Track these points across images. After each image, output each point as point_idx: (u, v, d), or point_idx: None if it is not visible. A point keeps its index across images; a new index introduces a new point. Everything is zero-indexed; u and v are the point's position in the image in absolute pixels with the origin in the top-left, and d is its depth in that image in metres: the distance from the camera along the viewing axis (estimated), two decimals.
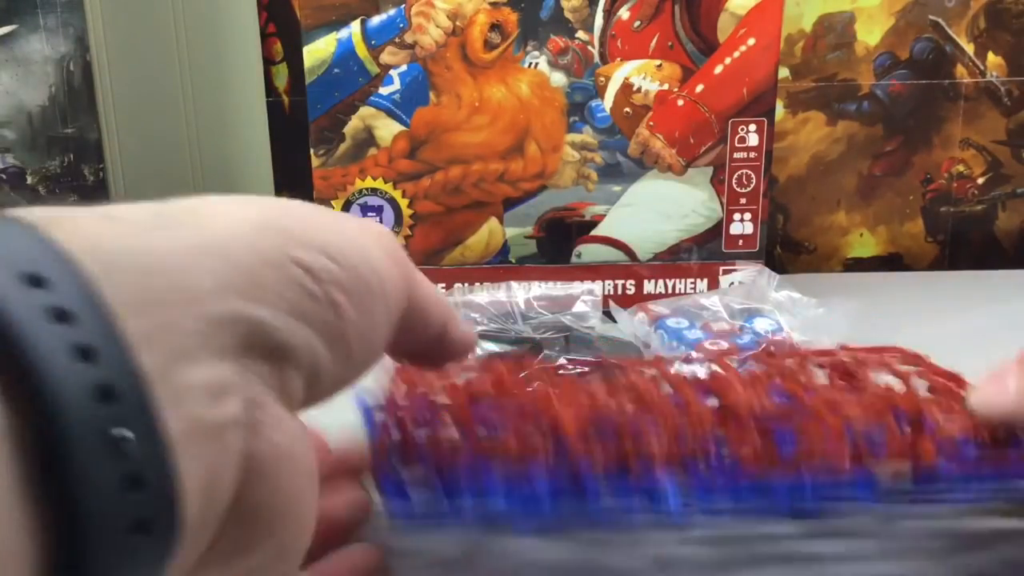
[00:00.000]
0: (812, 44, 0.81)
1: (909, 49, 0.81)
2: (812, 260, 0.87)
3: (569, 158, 0.66)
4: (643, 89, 0.65)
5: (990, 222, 0.85)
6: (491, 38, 0.64)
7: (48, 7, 0.72)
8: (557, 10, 0.64)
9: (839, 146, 0.84)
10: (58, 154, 0.75)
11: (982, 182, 0.84)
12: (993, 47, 0.81)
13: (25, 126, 0.73)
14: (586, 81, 0.65)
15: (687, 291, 0.69)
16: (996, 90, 0.82)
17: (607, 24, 0.64)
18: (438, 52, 0.64)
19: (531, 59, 0.65)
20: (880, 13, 0.80)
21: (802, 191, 0.85)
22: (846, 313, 0.64)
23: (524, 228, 0.68)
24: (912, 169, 0.84)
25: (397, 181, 0.67)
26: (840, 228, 0.86)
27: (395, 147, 0.66)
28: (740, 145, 0.66)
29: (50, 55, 0.73)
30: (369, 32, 0.64)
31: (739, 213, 0.67)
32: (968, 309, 0.71)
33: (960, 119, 0.83)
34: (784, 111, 0.83)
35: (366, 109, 0.66)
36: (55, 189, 0.75)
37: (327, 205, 0.67)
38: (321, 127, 0.66)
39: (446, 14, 0.64)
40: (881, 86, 0.82)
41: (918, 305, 0.72)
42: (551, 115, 0.65)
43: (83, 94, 0.75)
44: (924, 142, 0.83)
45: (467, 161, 0.66)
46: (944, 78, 0.82)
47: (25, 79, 0.73)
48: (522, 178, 0.67)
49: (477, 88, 0.65)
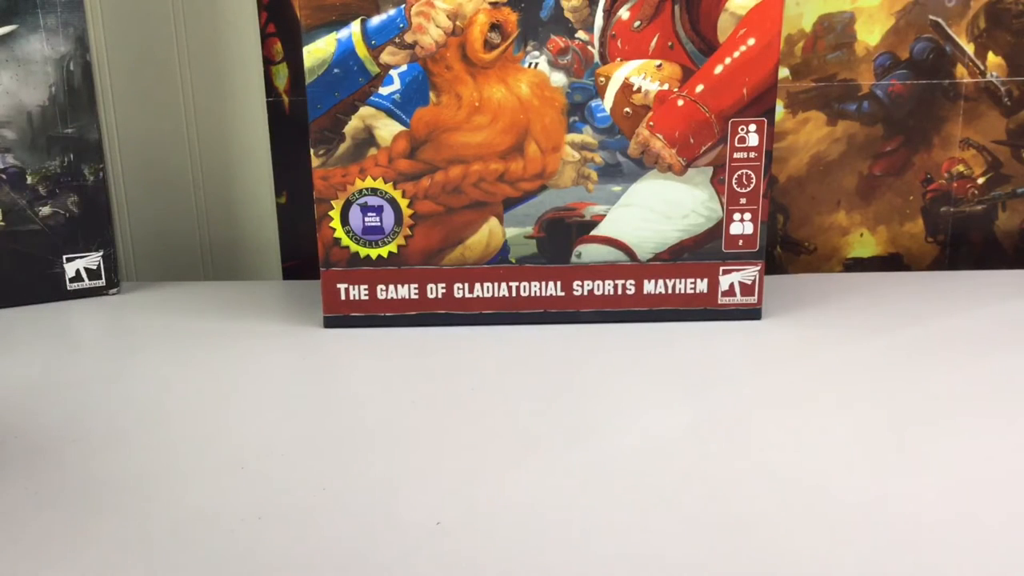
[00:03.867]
0: (812, 44, 0.81)
1: (909, 49, 0.81)
2: (812, 260, 0.87)
3: (569, 158, 0.66)
4: (643, 89, 0.65)
5: (990, 222, 0.85)
6: (491, 38, 0.64)
7: (48, 7, 0.72)
8: (557, 10, 0.64)
9: (839, 146, 0.84)
10: (58, 154, 0.75)
11: (982, 182, 0.84)
12: (993, 47, 0.81)
13: (25, 126, 0.73)
14: (586, 81, 0.65)
15: (687, 291, 0.69)
16: (996, 90, 0.82)
17: (607, 24, 0.64)
18: (438, 52, 0.64)
19: (531, 59, 0.65)
20: (880, 13, 0.80)
21: (802, 191, 0.85)
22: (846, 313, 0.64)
23: (524, 228, 0.68)
24: (912, 169, 0.84)
25: (397, 181, 0.67)
26: (840, 228, 0.86)
27: (395, 147, 0.66)
28: (740, 145, 0.66)
29: (50, 55, 0.73)
30: (369, 32, 0.64)
31: (739, 213, 0.67)
32: (968, 309, 0.71)
33: (960, 119, 0.83)
34: (784, 111, 0.83)
35: (366, 109, 0.66)
36: (55, 189, 0.75)
37: (327, 205, 0.67)
38: (321, 127, 0.66)
39: (446, 14, 0.64)
40: (881, 86, 0.82)
41: (918, 305, 0.72)
42: (551, 115, 0.65)
43: (83, 94, 0.75)
44: (924, 142, 0.83)
45: (467, 161, 0.66)
46: (944, 78, 0.82)
47: (25, 79, 0.73)
48: (522, 178, 0.67)
49: (477, 88, 0.65)
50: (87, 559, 0.42)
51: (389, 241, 0.68)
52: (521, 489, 0.47)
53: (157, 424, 0.55)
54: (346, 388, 0.60)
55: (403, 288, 0.69)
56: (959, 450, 0.50)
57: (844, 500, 0.45)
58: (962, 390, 0.57)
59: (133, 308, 0.76)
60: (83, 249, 0.78)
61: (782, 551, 0.41)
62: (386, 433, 0.53)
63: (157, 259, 0.90)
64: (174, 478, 0.49)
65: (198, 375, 0.62)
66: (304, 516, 0.45)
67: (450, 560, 0.41)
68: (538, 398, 0.58)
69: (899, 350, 0.63)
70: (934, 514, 0.44)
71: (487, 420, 0.55)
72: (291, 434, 0.53)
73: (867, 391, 0.57)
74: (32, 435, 0.54)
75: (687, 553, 0.41)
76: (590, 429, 0.53)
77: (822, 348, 0.64)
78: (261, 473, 0.49)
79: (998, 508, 0.44)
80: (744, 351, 0.65)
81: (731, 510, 0.45)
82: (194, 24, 0.84)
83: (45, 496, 0.47)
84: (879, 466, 0.48)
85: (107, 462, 0.51)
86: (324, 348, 0.67)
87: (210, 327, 0.71)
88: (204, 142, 0.87)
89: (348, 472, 0.49)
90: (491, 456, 0.50)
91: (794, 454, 0.50)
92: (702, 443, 0.51)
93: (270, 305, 0.76)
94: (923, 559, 0.40)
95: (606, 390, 0.59)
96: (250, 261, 0.90)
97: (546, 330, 0.68)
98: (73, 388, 0.60)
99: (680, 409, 0.56)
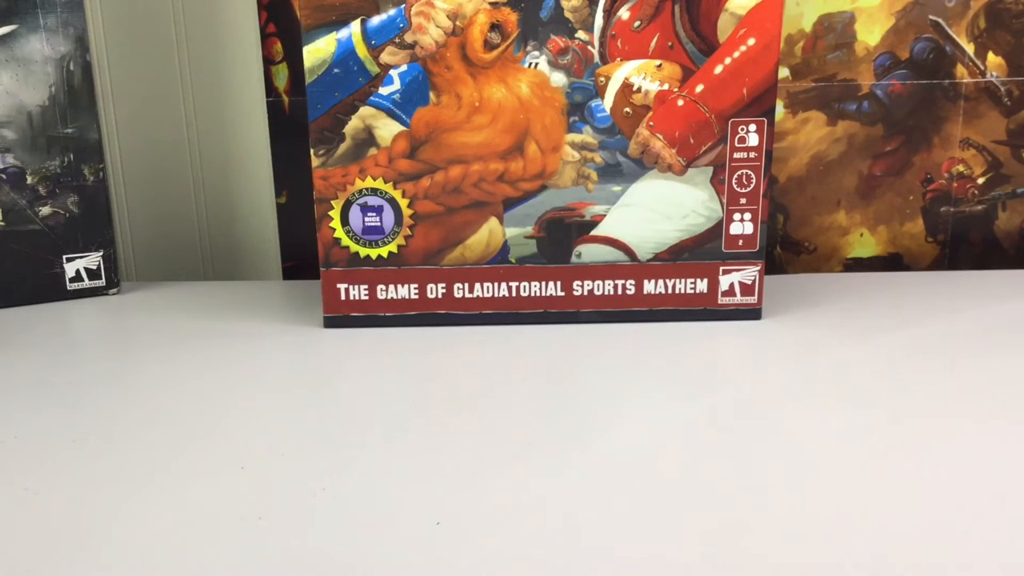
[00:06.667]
0: (812, 44, 0.82)
1: (909, 49, 0.81)
2: (812, 260, 0.87)
3: (569, 158, 0.66)
4: (643, 89, 0.65)
5: (990, 222, 0.85)
6: (491, 38, 0.64)
7: (48, 7, 0.72)
8: (557, 10, 0.64)
9: (839, 146, 0.84)
10: (58, 154, 0.75)
11: (982, 182, 0.84)
12: (993, 47, 0.81)
13: (25, 126, 0.73)
14: (586, 81, 0.65)
15: (687, 291, 0.69)
16: (996, 90, 0.82)
17: (607, 24, 0.64)
18: (438, 52, 0.64)
19: (531, 59, 0.65)
20: (880, 13, 0.81)
21: (802, 191, 0.85)
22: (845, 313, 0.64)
23: (524, 228, 0.68)
24: (912, 169, 0.84)
25: (397, 181, 0.67)
26: (840, 228, 0.86)
27: (395, 147, 0.66)
28: (740, 145, 0.66)
29: (50, 55, 0.73)
30: (369, 32, 0.64)
31: (739, 213, 0.67)
32: (968, 309, 0.71)
33: (960, 119, 0.83)
34: (784, 111, 0.83)
35: (366, 109, 0.66)
36: (55, 189, 0.75)
37: (327, 205, 0.67)
38: (321, 127, 0.66)
39: (446, 14, 0.64)
40: (881, 86, 0.82)
41: (918, 305, 0.72)
42: (551, 115, 0.65)
43: (83, 94, 0.75)
44: (924, 142, 0.83)
45: (467, 161, 0.66)
46: (944, 78, 0.82)
47: (25, 79, 0.73)
48: (522, 178, 0.67)
49: (477, 88, 0.65)
50: (87, 559, 0.42)
51: (389, 241, 0.68)
52: (521, 489, 0.47)
53: (157, 424, 0.55)
54: (346, 388, 0.60)
55: (403, 288, 0.69)
56: (959, 450, 0.50)
57: (844, 500, 0.45)
58: (962, 390, 0.57)
59: (133, 308, 0.76)
60: (83, 249, 0.78)
61: (782, 551, 0.41)
62: (386, 433, 0.53)
63: (157, 259, 0.90)
64: (174, 478, 0.49)
65: (198, 375, 0.62)
66: (304, 516, 0.45)
67: (450, 560, 0.41)
68: (538, 398, 0.58)
69: (899, 350, 0.63)
70: (934, 514, 0.44)
71: (487, 420, 0.55)
72: (291, 434, 0.53)
73: (867, 391, 0.57)
74: (32, 435, 0.54)
75: (687, 553, 0.41)
76: (590, 429, 0.53)
77: (822, 348, 0.64)
78: (261, 473, 0.49)
79: (998, 508, 0.44)
80: (744, 351, 0.65)
81: (731, 510, 0.45)
82: (194, 24, 0.84)
83: (45, 496, 0.47)
84: (879, 466, 0.48)
85: (107, 462, 0.51)
86: (324, 348, 0.67)
87: (210, 327, 0.71)
88: (204, 142, 0.87)
89: (348, 472, 0.49)
90: (491, 456, 0.50)
91: (794, 454, 0.50)
92: (702, 443, 0.51)
93: (270, 305, 0.76)
94: (923, 559, 0.40)
95: (606, 390, 0.59)
96: (250, 261, 0.90)
97: (546, 330, 0.68)
98: (73, 388, 0.60)
99: (680, 409, 0.56)
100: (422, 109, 0.65)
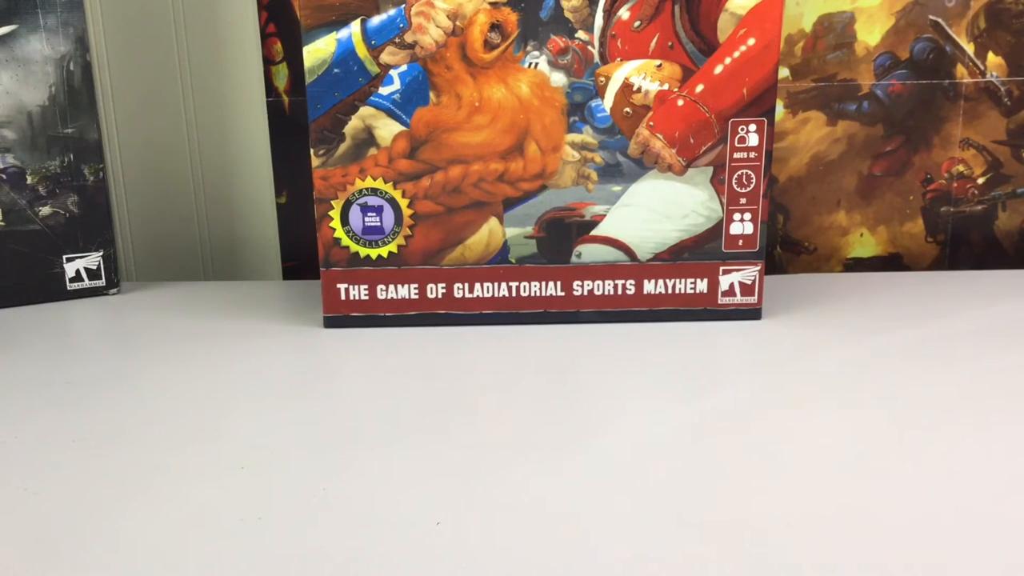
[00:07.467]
0: (812, 44, 0.82)
1: (909, 49, 0.81)
2: (812, 260, 0.87)
3: (569, 158, 0.66)
4: (643, 89, 0.65)
5: (990, 222, 0.85)
6: (491, 38, 0.64)
7: (48, 7, 0.72)
8: (557, 10, 0.64)
9: (839, 146, 0.84)
10: (58, 154, 0.75)
11: (982, 182, 0.84)
12: (993, 47, 0.81)
13: (25, 126, 0.73)
14: (586, 81, 0.65)
15: (687, 291, 0.69)
16: (996, 90, 0.82)
17: (607, 24, 0.64)
18: (438, 52, 0.64)
19: (531, 59, 0.65)
20: (880, 13, 0.81)
21: (802, 191, 0.85)
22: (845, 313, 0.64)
23: (524, 228, 0.68)
24: (912, 169, 0.84)
25: (397, 181, 0.67)
26: (840, 228, 0.86)
27: (395, 147, 0.66)
28: (740, 145, 0.66)
29: (50, 55, 0.73)
30: (369, 32, 0.64)
31: (739, 213, 0.67)
32: (968, 309, 0.71)
33: (960, 119, 0.83)
34: (784, 111, 0.83)
35: (366, 109, 0.66)
36: (55, 189, 0.75)
37: (327, 205, 0.67)
38: (321, 127, 0.66)
39: (446, 14, 0.64)
40: (881, 86, 0.82)
41: (918, 305, 0.72)
42: (551, 115, 0.65)
43: (83, 94, 0.75)
44: (924, 142, 0.83)
45: (467, 161, 0.66)
46: (944, 78, 0.82)
47: (25, 79, 0.73)
48: (522, 178, 0.67)
49: (477, 88, 0.65)
50: (87, 559, 0.42)
51: (389, 241, 0.68)
52: (521, 489, 0.47)
53: (157, 424, 0.55)
54: (346, 388, 0.60)
55: (403, 288, 0.69)
56: (959, 450, 0.50)
57: (844, 500, 0.45)
58: (962, 390, 0.57)
59: (133, 308, 0.76)
60: (83, 249, 0.78)
61: (782, 551, 0.41)
62: (386, 433, 0.53)
63: (157, 259, 0.90)
64: (174, 478, 0.49)
65: (198, 375, 0.62)
66: (304, 516, 0.45)
67: (450, 560, 0.41)
68: (538, 398, 0.58)
69: (899, 350, 0.63)
70: (934, 514, 0.44)
71: (487, 420, 0.55)
72: (291, 434, 0.53)
73: (867, 391, 0.57)
74: (32, 435, 0.54)
75: (687, 553, 0.41)
76: (590, 429, 0.53)
77: (822, 348, 0.64)
78: (261, 473, 0.49)
79: (998, 508, 0.44)
80: (744, 351, 0.65)
81: (731, 510, 0.45)
82: (194, 24, 0.84)
83: (45, 496, 0.47)
84: (879, 466, 0.48)
85: (107, 462, 0.51)
86: (324, 348, 0.67)
87: (210, 327, 0.71)
88: (204, 142, 0.87)
89: (348, 472, 0.49)
90: (491, 456, 0.50)
91: (794, 454, 0.50)
92: (702, 443, 0.51)
93: (270, 305, 0.76)
94: (923, 559, 0.40)
95: (606, 390, 0.59)
96: (250, 261, 0.90)
97: (546, 330, 0.68)
98: (73, 388, 0.60)
99: (680, 409, 0.56)
100: (422, 109, 0.65)
